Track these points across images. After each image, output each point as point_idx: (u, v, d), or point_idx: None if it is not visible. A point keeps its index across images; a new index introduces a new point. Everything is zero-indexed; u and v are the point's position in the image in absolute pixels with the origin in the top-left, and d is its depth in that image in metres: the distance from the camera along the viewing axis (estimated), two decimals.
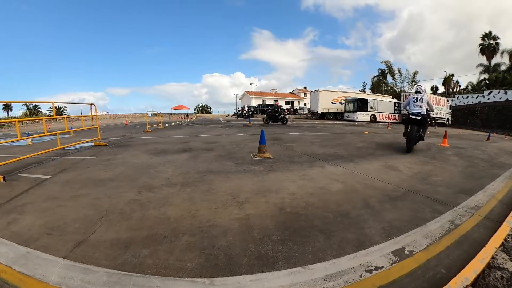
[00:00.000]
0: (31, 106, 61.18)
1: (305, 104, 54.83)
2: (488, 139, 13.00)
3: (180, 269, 2.03)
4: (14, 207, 3.32)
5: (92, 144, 8.82)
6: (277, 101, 56.98)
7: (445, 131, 10.57)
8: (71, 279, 1.92)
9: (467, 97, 35.00)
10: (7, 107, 69.04)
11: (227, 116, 54.73)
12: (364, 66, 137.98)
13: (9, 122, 28.97)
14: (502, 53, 40.31)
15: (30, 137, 7.52)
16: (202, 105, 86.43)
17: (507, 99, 28.92)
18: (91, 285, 1.86)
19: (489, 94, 31.62)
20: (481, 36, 42.54)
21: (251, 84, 57.35)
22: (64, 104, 64.85)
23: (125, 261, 2.15)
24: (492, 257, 2.17)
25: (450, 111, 31.78)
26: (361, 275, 2.00)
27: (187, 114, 55.81)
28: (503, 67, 40.46)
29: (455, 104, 34.94)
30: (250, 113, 36.67)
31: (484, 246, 2.34)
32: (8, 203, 3.47)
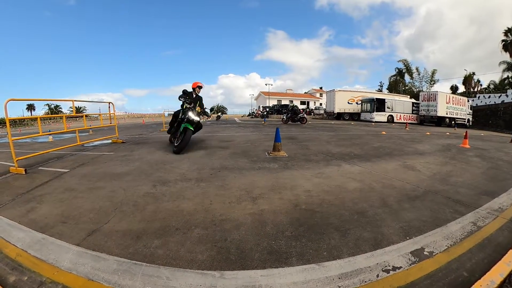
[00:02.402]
0: (52, 106, 63.23)
1: (320, 104, 54.37)
2: None
3: (190, 261, 2.02)
4: (33, 197, 3.43)
5: (110, 141, 8.98)
6: (292, 101, 56.79)
7: (466, 132, 10.21)
8: (82, 266, 1.95)
9: (489, 97, 33.65)
10: (31, 107, 71.80)
11: (242, 116, 54.85)
12: (381, 66, 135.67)
13: (31, 119, 30.04)
14: None
15: (51, 133, 7.73)
16: (217, 106, 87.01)
17: None
18: (101, 272, 1.87)
19: None
20: (504, 31, 40.56)
21: (266, 84, 57.26)
22: (83, 103, 66.77)
23: (136, 250, 2.15)
24: None
25: (471, 111, 30.67)
26: (378, 274, 1.92)
27: None
28: None
29: (476, 104, 33.65)
30: (265, 113, 36.68)
31: (511, 249, 2.21)
32: (28, 193, 3.59)
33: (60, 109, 64.96)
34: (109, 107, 9.08)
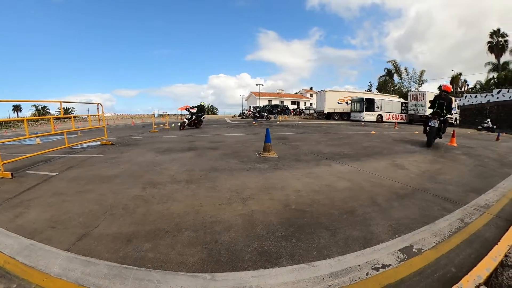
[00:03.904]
0: (39, 107, 62.13)
1: (311, 104, 54.62)
2: (497, 138, 12.77)
3: (181, 264, 2.01)
4: (20, 202, 3.36)
5: (99, 143, 8.88)
6: (283, 101, 56.99)
7: (453, 131, 10.40)
8: (72, 271, 1.92)
9: (476, 96, 34.32)
10: (17, 108, 70.33)
11: (233, 117, 54.78)
12: (371, 66, 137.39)
13: (18, 120, 29.49)
14: (511, 51, 39.53)
15: (39, 135, 7.60)
16: (208, 106, 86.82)
17: None
18: (91, 277, 1.85)
19: (498, 93, 30.96)
20: (490, 33, 41.81)
21: (257, 85, 57.49)
22: (72, 105, 65.66)
23: (126, 254, 2.13)
24: (505, 255, 2.10)
25: (458, 110, 31.29)
26: (367, 273, 1.94)
27: None
28: None
29: (463, 103, 34.28)
30: (256, 114, 36.74)
31: (497, 244, 2.27)
32: (15, 198, 3.52)
33: (48, 111, 63.97)
34: (97, 108, 8.95)
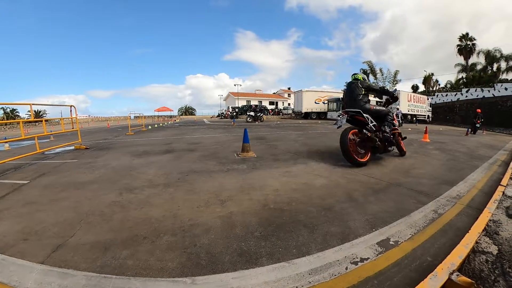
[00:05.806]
0: (8, 110, 59.02)
1: (289, 104, 55.19)
2: (467, 134, 13.43)
3: (161, 269, 1.97)
4: None
5: (73, 147, 8.59)
6: (261, 101, 57.17)
7: (426, 127, 10.83)
8: (48, 285, 1.83)
9: (446, 95, 36.07)
10: None
11: (211, 117, 54.42)
12: (348, 67, 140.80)
13: None
14: (478, 54, 41.95)
15: (7, 141, 7.25)
16: (186, 107, 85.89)
17: (483, 96, 30.02)
18: None
19: (466, 92, 32.67)
20: (459, 37, 44.22)
21: (235, 85, 57.50)
22: (43, 107, 62.86)
23: (104, 263, 2.06)
24: (476, 242, 2.22)
25: (431, 108, 32.70)
26: (346, 267, 1.98)
27: (171, 116, 54.57)
28: (479, 67, 42.15)
29: (435, 101, 35.95)
30: (234, 114, 36.75)
31: (468, 232, 2.38)
32: None
33: (17, 114, 60.76)
34: (70, 110, 8.65)
